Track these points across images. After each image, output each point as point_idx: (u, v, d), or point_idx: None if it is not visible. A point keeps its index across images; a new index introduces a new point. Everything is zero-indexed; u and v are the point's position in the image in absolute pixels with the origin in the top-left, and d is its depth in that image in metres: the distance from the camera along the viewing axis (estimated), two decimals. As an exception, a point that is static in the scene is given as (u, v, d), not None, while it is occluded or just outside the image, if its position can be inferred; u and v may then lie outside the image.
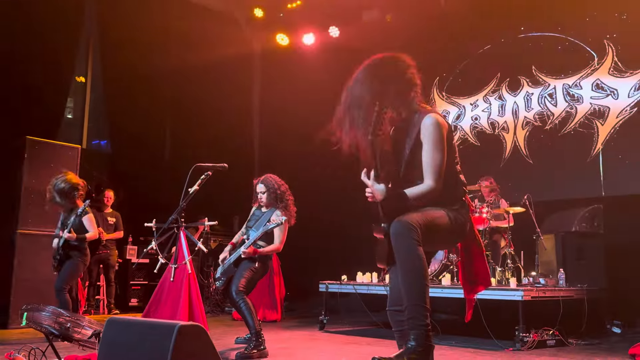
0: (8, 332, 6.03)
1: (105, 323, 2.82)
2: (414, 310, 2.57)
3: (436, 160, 2.74)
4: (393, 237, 2.62)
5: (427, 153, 2.75)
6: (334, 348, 5.32)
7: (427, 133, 2.76)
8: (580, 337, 5.67)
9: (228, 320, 7.67)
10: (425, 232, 2.62)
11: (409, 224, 2.59)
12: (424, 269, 2.60)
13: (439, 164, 2.74)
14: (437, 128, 2.76)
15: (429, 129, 2.76)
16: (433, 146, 2.74)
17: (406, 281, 2.60)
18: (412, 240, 2.57)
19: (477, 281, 3.01)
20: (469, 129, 8.98)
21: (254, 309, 4.85)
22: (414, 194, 2.73)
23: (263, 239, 4.98)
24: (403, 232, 2.59)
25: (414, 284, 2.59)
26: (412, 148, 2.80)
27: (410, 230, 2.58)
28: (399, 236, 2.60)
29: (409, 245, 2.58)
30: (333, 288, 6.96)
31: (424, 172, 2.75)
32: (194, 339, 2.52)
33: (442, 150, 2.76)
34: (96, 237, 5.88)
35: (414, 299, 2.58)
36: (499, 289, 5.71)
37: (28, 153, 6.79)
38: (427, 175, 2.74)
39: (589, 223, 6.88)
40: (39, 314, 3.40)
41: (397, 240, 2.61)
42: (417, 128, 2.79)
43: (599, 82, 7.62)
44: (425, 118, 2.78)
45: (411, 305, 2.58)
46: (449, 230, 2.81)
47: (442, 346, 5.40)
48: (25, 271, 6.51)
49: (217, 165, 4.66)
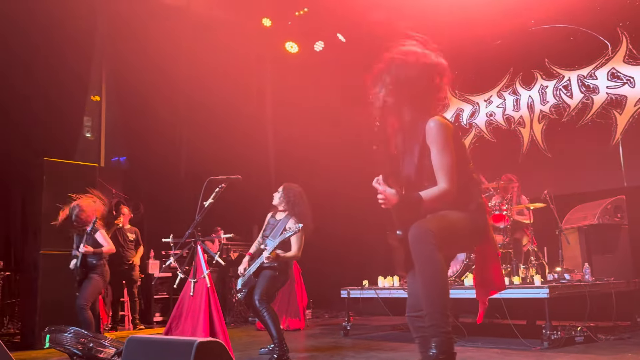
0: (35, 353, 6.08)
1: (125, 342, 2.83)
2: (435, 317, 2.53)
3: (446, 162, 2.70)
4: (411, 243, 2.58)
5: (436, 157, 2.72)
6: (359, 354, 5.28)
7: (432, 137, 2.73)
8: (609, 332, 5.55)
9: (252, 331, 7.67)
10: (443, 237, 2.58)
11: (427, 229, 2.55)
12: (443, 274, 2.56)
13: (450, 165, 2.70)
14: (441, 130, 2.72)
15: (433, 132, 2.73)
16: (440, 149, 2.71)
17: (426, 288, 2.56)
18: (431, 245, 2.53)
19: (491, 285, 2.95)
20: (485, 125, 8.89)
21: (277, 318, 4.84)
22: (428, 196, 2.69)
23: (281, 247, 4.97)
24: (421, 237, 2.55)
25: (434, 291, 2.55)
26: (420, 153, 2.77)
27: (429, 235, 2.54)
28: (417, 242, 2.56)
29: (428, 251, 2.53)
30: (355, 294, 6.92)
31: (436, 176, 2.71)
32: (213, 354, 2.51)
33: (450, 152, 2.72)
34: (113, 250, 5.96)
35: (435, 306, 2.53)
36: (523, 286, 5.62)
37: (47, 174, 6.87)
38: (440, 179, 2.70)
39: (612, 215, 6.75)
40: (61, 335, 3.43)
41: (415, 246, 2.57)
42: (422, 133, 2.76)
43: (614, 70, 7.50)
44: (429, 122, 2.75)
45: (432, 312, 2.54)
46: (467, 233, 2.76)
47: (469, 348, 5.33)
48: (49, 291, 6.56)
49: (231, 177, 4.66)
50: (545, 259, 6.60)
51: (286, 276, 5.14)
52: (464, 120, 9.09)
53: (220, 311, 4.21)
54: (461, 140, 2.88)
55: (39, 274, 6.57)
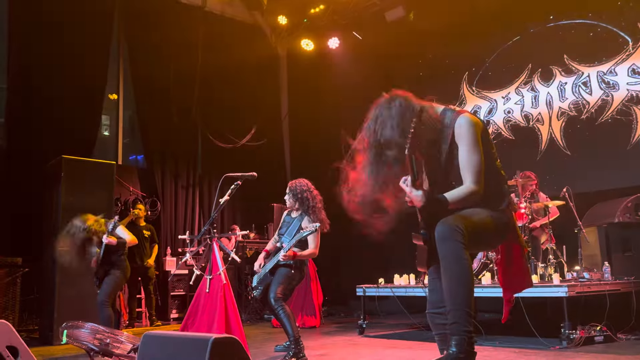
0: (53, 349, 6.15)
1: (141, 338, 2.84)
2: (458, 316, 2.50)
3: (474, 161, 2.65)
4: (439, 241, 2.55)
5: (464, 155, 2.67)
6: (374, 353, 5.25)
7: (461, 134, 2.68)
8: (629, 332, 5.46)
9: (268, 328, 7.68)
10: (470, 235, 2.55)
11: (455, 227, 2.52)
12: (470, 273, 2.53)
13: (478, 165, 2.65)
14: (471, 128, 2.67)
15: (462, 129, 2.68)
16: (469, 147, 2.66)
17: (452, 286, 2.52)
18: (458, 243, 2.50)
19: (517, 282, 2.91)
20: (502, 122, 8.80)
21: (292, 316, 4.83)
22: (454, 197, 2.64)
23: (297, 245, 4.96)
24: (449, 235, 2.52)
25: (459, 289, 2.51)
26: (448, 151, 2.72)
27: (456, 233, 2.51)
28: (445, 240, 2.53)
29: (455, 249, 2.50)
30: (370, 292, 6.89)
31: (463, 174, 2.66)
32: (229, 351, 2.50)
33: (479, 151, 2.67)
34: (135, 242, 6.00)
35: (459, 304, 2.50)
36: (542, 285, 5.55)
37: (65, 172, 6.93)
38: (467, 178, 2.65)
39: (633, 213, 6.63)
40: (78, 331, 3.45)
41: (443, 244, 2.54)
42: (451, 130, 2.71)
43: (635, 67, 7.37)
44: (458, 119, 2.70)
45: (455, 310, 2.51)
46: (493, 232, 2.73)
47: (486, 347, 5.28)
48: (67, 288, 6.64)
49: (246, 175, 4.65)
50: (564, 258, 6.51)
51: (302, 274, 5.13)
52: (482, 118, 9.00)
53: (236, 308, 4.21)
54: (489, 138, 2.82)
55: (57, 271, 6.64)
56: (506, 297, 2.98)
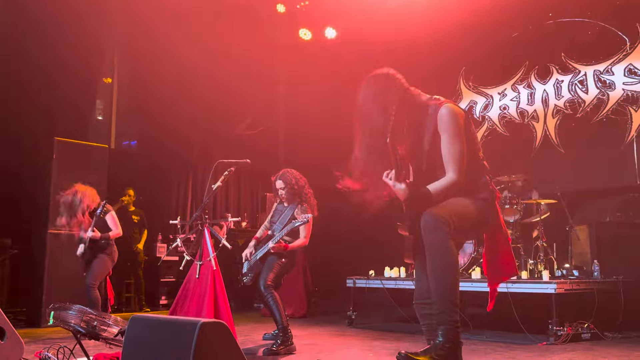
0: (41, 331, 6.13)
1: (129, 321, 2.82)
2: (444, 306, 2.51)
3: (456, 151, 2.67)
4: (424, 232, 2.56)
5: (446, 145, 2.68)
6: (362, 344, 5.26)
7: (444, 124, 2.69)
8: (616, 330, 5.50)
9: (256, 317, 7.68)
10: (456, 224, 2.56)
11: (440, 217, 2.53)
12: (455, 263, 2.55)
13: (460, 155, 2.67)
14: (453, 118, 2.69)
15: (444, 119, 2.69)
16: (451, 137, 2.67)
17: (437, 276, 2.54)
18: (444, 234, 2.51)
19: (502, 271, 2.93)
20: (498, 118, 8.80)
21: (282, 305, 4.84)
22: (437, 189, 2.66)
23: (288, 234, 4.96)
24: (434, 226, 2.52)
25: (445, 279, 2.53)
26: (431, 141, 2.74)
27: (442, 223, 2.52)
28: (430, 230, 2.54)
29: (440, 239, 2.52)
30: (360, 283, 6.91)
31: (445, 164, 2.68)
32: (217, 335, 2.49)
33: (461, 141, 2.69)
34: (120, 234, 5.98)
35: (445, 294, 2.52)
36: (531, 281, 5.58)
37: (57, 154, 6.89)
38: (449, 168, 2.67)
39: (624, 213, 6.68)
40: (65, 313, 3.43)
41: (428, 234, 2.54)
42: (434, 120, 2.72)
43: (632, 67, 7.38)
44: (441, 109, 2.71)
45: (441, 300, 2.52)
46: (476, 221, 2.74)
47: (474, 341, 5.30)
48: (56, 270, 6.62)
49: (239, 161, 4.63)
50: (554, 255, 6.53)
51: (293, 263, 5.13)
52: (477, 113, 9.00)
53: (226, 294, 4.20)
54: (472, 128, 2.83)
55: (46, 253, 6.61)
56: (492, 287, 3.00)
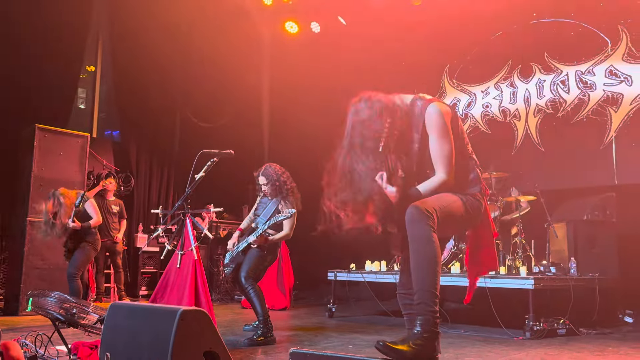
0: (18, 319, 6.07)
1: (108, 308, 2.82)
2: (424, 296, 2.55)
3: (445, 150, 2.70)
4: (408, 223, 2.59)
5: (434, 144, 2.72)
6: (342, 336, 5.30)
7: (431, 123, 2.72)
8: (591, 326, 5.60)
9: (237, 308, 7.68)
10: (440, 218, 2.59)
11: (424, 210, 2.56)
12: (437, 256, 2.58)
13: (448, 154, 2.71)
14: (440, 116, 2.72)
15: (431, 118, 2.72)
16: (439, 136, 2.71)
17: (419, 267, 2.57)
18: (427, 226, 2.54)
19: (483, 264, 2.98)
20: (480, 116, 8.88)
21: (262, 296, 4.85)
22: (427, 189, 2.70)
23: (272, 227, 4.97)
24: (419, 218, 2.56)
25: (426, 271, 2.56)
26: (420, 140, 2.77)
27: (426, 216, 2.55)
28: (414, 222, 2.57)
29: (424, 231, 2.55)
30: (341, 277, 6.94)
31: (434, 163, 2.72)
32: (197, 323, 2.50)
33: (449, 139, 2.72)
34: (100, 222, 5.95)
35: (425, 285, 2.55)
36: (509, 277, 5.65)
37: (37, 141, 6.81)
38: (438, 167, 2.71)
39: (602, 211, 6.78)
40: (44, 300, 3.41)
41: (412, 226, 2.58)
42: (422, 119, 2.75)
43: (613, 68, 7.49)
44: (428, 108, 2.74)
45: (422, 290, 2.56)
46: (463, 216, 2.78)
47: (452, 334, 5.37)
48: (35, 259, 6.56)
49: (223, 152, 4.61)
50: (532, 252, 6.63)
51: (274, 255, 5.14)
52: (460, 110, 9.07)
53: (206, 285, 4.20)
54: (459, 123, 2.86)
55: (25, 241, 6.54)
56: (471, 279, 3.05)
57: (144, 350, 2.53)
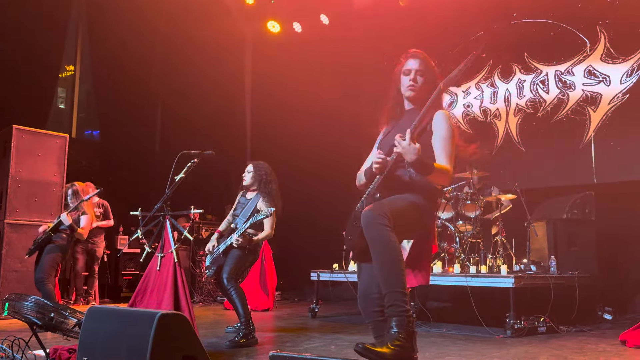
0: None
1: (86, 312, 2.78)
2: (394, 297, 2.55)
3: (451, 149, 2.80)
4: (365, 227, 2.60)
5: (442, 141, 2.81)
6: (325, 336, 5.29)
7: (440, 125, 2.83)
8: (571, 324, 5.67)
9: (220, 310, 7.64)
10: (396, 220, 2.60)
11: (379, 213, 2.58)
12: (399, 254, 2.59)
13: (452, 154, 2.80)
14: (449, 121, 2.86)
15: (441, 118, 2.85)
16: (447, 136, 2.82)
17: (383, 269, 2.58)
18: (384, 227, 2.55)
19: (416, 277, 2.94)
20: (461, 116, 8.93)
21: (244, 297, 4.84)
22: (437, 167, 2.69)
23: (252, 227, 4.95)
24: (374, 220, 2.57)
25: (390, 271, 2.57)
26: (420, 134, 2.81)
27: (382, 217, 2.56)
28: (370, 225, 2.58)
29: (381, 232, 2.56)
30: (325, 277, 6.93)
31: (438, 156, 2.77)
32: (176, 327, 2.48)
33: (454, 144, 2.84)
34: (85, 236, 5.97)
35: (393, 286, 2.55)
36: (490, 276, 5.70)
37: (15, 142, 6.71)
38: (443, 160, 2.76)
39: (581, 210, 6.86)
40: (21, 304, 3.35)
41: (369, 229, 2.59)
42: (429, 118, 2.83)
43: (591, 68, 7.58)
44: (439, 112, 2.87)
45: (390, 292, 2.56)
46: (417, 219, 2.80)
47: (433, 333, 5.39)
48: (13, 261, 6.47)
49: (203, 153, 4.58)
50: (512, 250, 6.69)
51: (255, 255, 5.13)
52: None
53: (187, 288, 4.16)
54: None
55: (2, 244, 6.44)
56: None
57: (122, 354, 2.50)
